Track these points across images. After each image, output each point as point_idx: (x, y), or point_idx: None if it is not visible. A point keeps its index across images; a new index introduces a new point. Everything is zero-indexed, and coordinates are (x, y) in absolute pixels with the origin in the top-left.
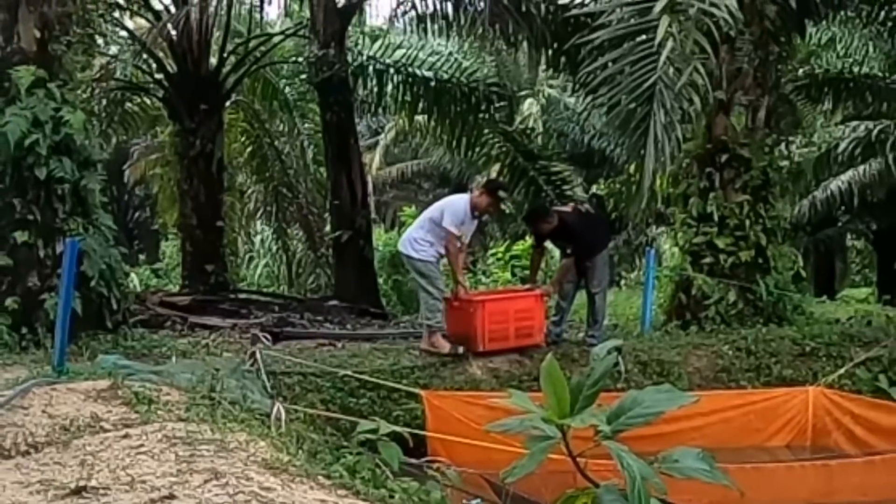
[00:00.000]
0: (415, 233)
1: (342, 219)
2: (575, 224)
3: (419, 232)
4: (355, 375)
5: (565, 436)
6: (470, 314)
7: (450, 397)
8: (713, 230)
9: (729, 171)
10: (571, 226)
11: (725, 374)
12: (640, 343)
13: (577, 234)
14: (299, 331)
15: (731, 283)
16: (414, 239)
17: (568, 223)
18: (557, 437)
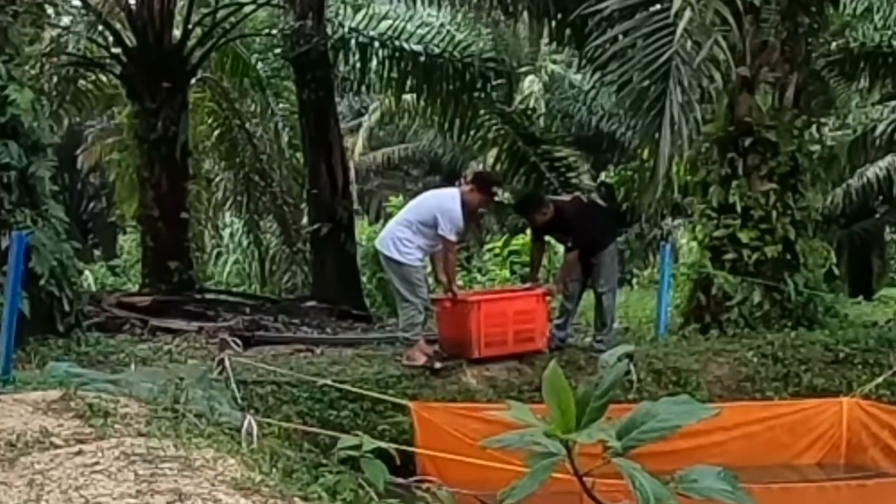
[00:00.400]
0: (399, 231)
1: (321, 210)
2: (574, 215)
3: (405, 232)
4: (336, 385)
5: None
6: (463, 316)
7: (441, 409)
8: (736, 223)
9: (753, 156)
10: (569, 217)
11: (749, 384)
12: (655, 349)
13: (576, 227)
14: (273, 335)
15: (756, 281)
16: (399, 239)
17: (565, 214)
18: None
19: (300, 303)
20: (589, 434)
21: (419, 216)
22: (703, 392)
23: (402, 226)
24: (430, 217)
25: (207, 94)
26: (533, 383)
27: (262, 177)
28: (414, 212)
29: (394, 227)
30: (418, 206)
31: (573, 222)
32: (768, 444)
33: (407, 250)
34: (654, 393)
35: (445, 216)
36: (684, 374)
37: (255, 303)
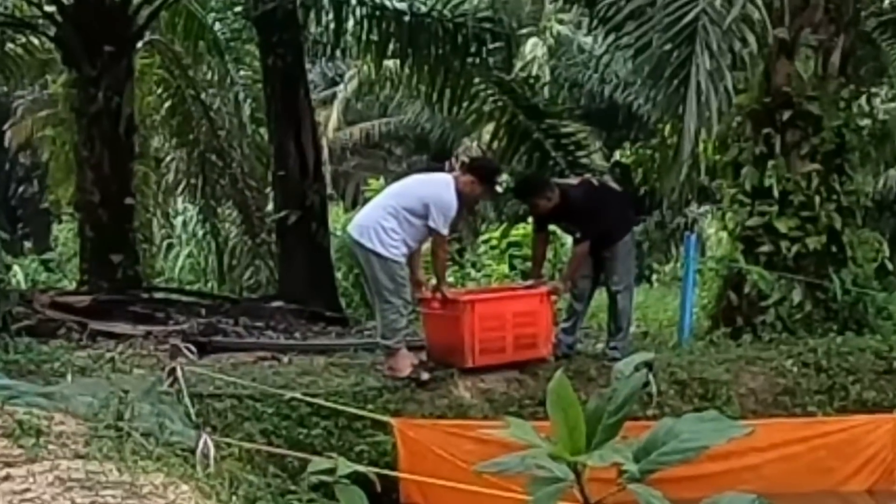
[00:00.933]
0: (384, 220)
1: (289, 195)
2: (582, 201)
3: (390, 221)
4: (306, 399)
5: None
6: (454, 319)
7: (429, 427)
8: (772, 209)
9: (793, 132)
10: (577, 203)
11: (789, 398)
12: (678, 357)
13: (585, 215)
14: (233, 340)
15: (796, 278)
16: (384, 229)
17: (572, 200)
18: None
19: (264, 303)
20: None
21: (407, 203)
22: (734, 407)
23: (388, 213)
24: (420, 206)
25: (156, 60)
26: (536, 397)
27: (220, 156)
28: (401, 198)
29: (376, 214)
30: (406, 192)
31: (582, 209)
32: (810, 468)
33: (392, 243)
34: (678, 408)
35: (439, 207)
36: (712, 385)
37: (212, 303)
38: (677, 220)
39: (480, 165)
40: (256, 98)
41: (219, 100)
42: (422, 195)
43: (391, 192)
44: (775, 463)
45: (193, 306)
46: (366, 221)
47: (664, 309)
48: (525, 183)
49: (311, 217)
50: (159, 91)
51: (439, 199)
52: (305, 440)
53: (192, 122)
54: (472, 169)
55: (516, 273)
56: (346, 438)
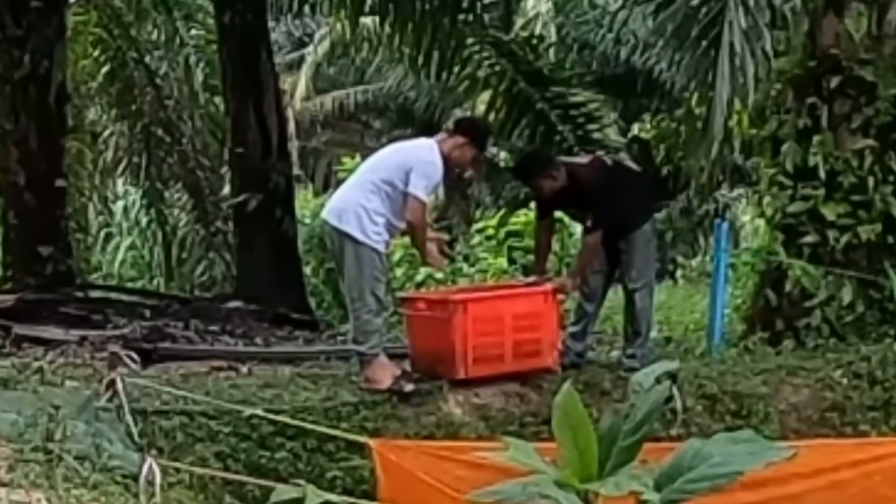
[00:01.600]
0: (365, 199)
1: (248, 176)
2: (594, 183)
3: (373, 201)
4: (269, 416)
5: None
6: (444, 322)
7: (413, 450)
8: (818, 193)
9: (842, 102)
10: (587, 185)
11: (837, 415)
12: (707, 366)
13: (597, 199)
14: (183, 347)
15: (846, 273)
16: (366, 210)
17: (582, 181)
18: None
19: (220, 303)
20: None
21: (387, 176)
22: (773, 426)
23: (369, 192)
24: (401, 174)
25: (93, 18)
26: (539, 414)
27: (168, 130)
28: (379, 171)
29: (356, 195)
30: (384, 163)
31: (593, 192)
32: (863, 497)
33: (374, 228)
34: (707, 427)
35: (422, 170)
36: (748, 400)
37: (159, 303)
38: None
39: (472, 125)
40: (210, 62)
41: (166, 64)
42: (401, 161)
43: (368, 167)
44: (822, 492)
45: (136, 307)
46: (344, 204)
47: (690, 310)
48: (526, 160)
49: (275, 202)
50: (96, 54)
51: (421, 161)
52: (268, 465)
53: (134, 90)
54: (463, 129)
55: (517, 268)
56: (316, 462)
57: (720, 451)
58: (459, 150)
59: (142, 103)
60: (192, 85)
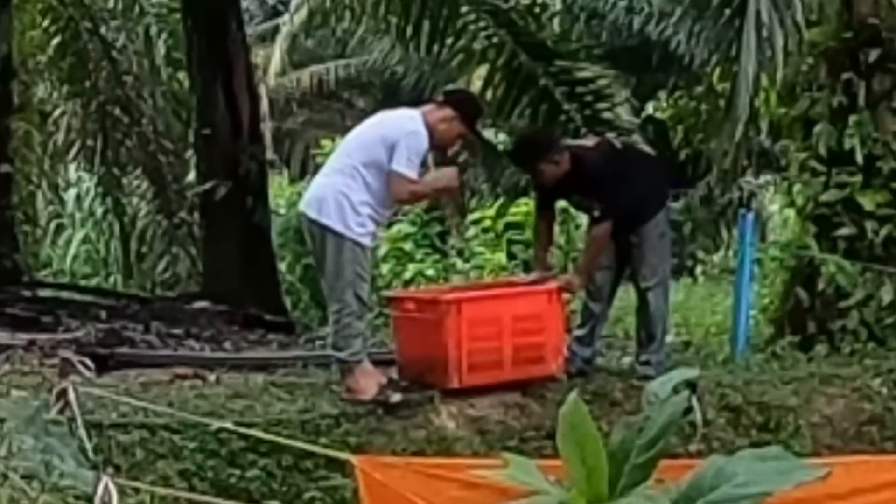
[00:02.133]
0: (346, 187)
1: (216, 161)
2: (601, 167)
3: (353, 186)
4: (240, 430)
5: None
6: (435, 325)
7: (402, 468)
8: (855, 180)
9: (882, 77)
10: (594, 171)
11: (876, 428)
12: (730, 374)
13: (605, 186)
14: (143, 353)
15: (887, 270)
16: (347, 199)
17: (587, 166)
18: None
19: (184, 303)
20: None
21: (369, 156)
22: (804, 441)
23: (348, 177)
24: (384, 150)
25: None
26: (542, 427)
27: (126, 110)
28: (359, 152)
29: (334, 181)
30: (362, 142)
31: (601, 178)
32: None
33: (358, 218)
34: (730, 442)
35: (406, 143)
36: (776, 413)
37: (116, 303)
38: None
39: (464, 99)
40: (173, 33)
41: (124, 35)
42: (382, 135)
43: (346, 149)
44: None
45: (91, 307)
46: (322, 193)
47: (712, 311)
48: (525, 142)
49: (246, 190)
50: (45, 23)
51: (405, 133)
52: (238, 484)
53: (88, 64)
54: (453, 102)
55: (517, 264)
56: (293, 482)
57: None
58: (447, 125)
59: (97, 79)
60: (152, 59)
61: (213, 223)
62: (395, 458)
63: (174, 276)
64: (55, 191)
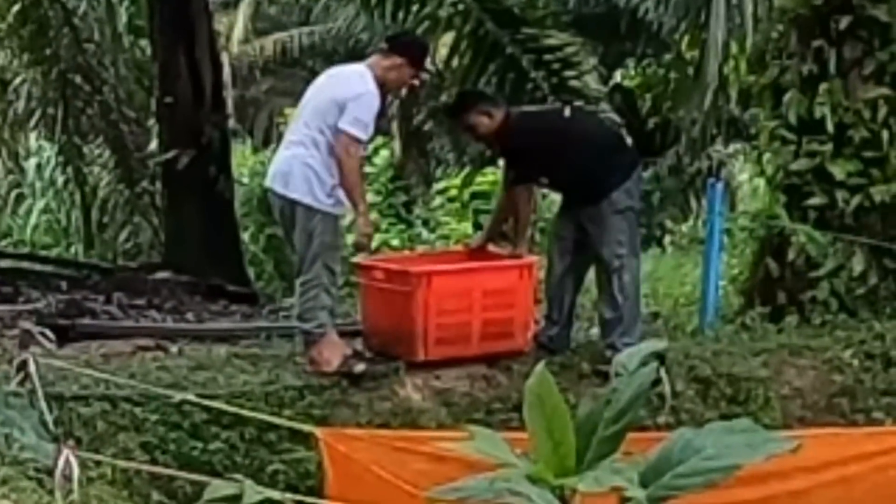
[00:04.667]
0: (309, 157)
1: (179, 129)
2: (534, 131)
3: (315, 155)
4: (202, 402)
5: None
6: (404, 296)
7: (366, 440)
8: (825, 149)
9: (853, 45)
10: (517, 138)
11: (847, 400)
12: (699, 346)
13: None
14: (104, 324)
15: (858, 240)
16: (313, 171)
17: (517, 127)
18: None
19: (146, 274)
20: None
21: (321, 121)
22: (774, 413)
23: (310, 147)
24: (335, 112)
25: None
26: (509, 400)
27: (88, 78)
28: (314, 118)
29: (296, 153)
30: (315, 107)
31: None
32: (877, 494)
33: (325, 188)
34: (699, 415)
35: (359, 103)
36: (745, 384)
37: (77, 274)
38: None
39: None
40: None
41: (85, 2)
42: (333, 96)
43: (303, 117)
44: (829, 487)
45: (51, 278)
46: (287, 166)
47: (681, 282)
48: (457, 95)
49: (209, 159)
50: None
51: (353, 93)
52: (201, 457)
53: (49, 31)
54: (397, 48)
55: None
56: (256, 454)
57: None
58: (396, 72)
59: (57, 47)
60: (114, 26)
61: (175, 193)
62: (360, 430)
63: (136, 247)
64: (15, 160)
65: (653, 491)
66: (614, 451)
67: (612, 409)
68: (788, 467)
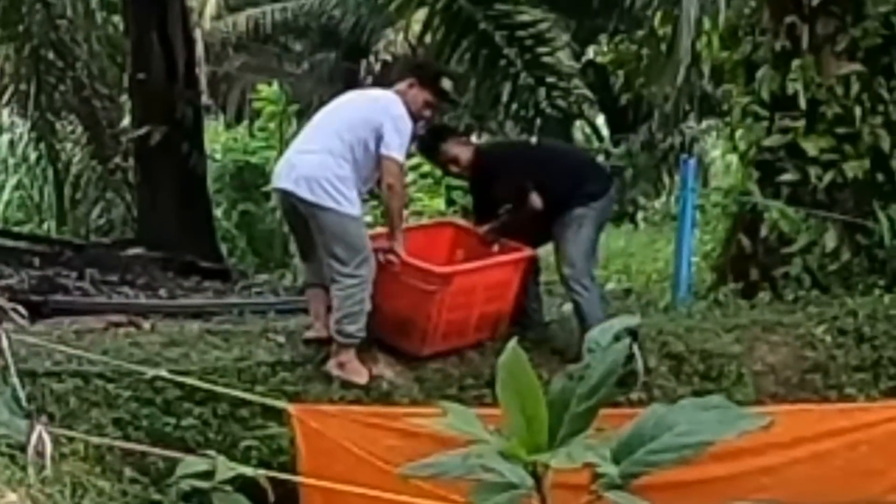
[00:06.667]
0: (336, 166)
1: (151, 105)
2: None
3: (343, 166)
4: (175, 378)
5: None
6: (421, 294)
7: (339, 416)
8: (798, 125)
9: (826, 21)
10: (494, 158)
11: (820, 377)
12: (672, 322)
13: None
14: (77, 300)
15: (830, 216)
16: (340, 179)
17: (489, 153)
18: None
19: (119, 250)
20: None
21: (355, 137)
22: (747, 389)
23: (339, 158)
24: (371, 134)
25: None
26: (481, 376)
27: (60, 54)
28: (348, 132)
29: (325, 161)
30: (348, 122)
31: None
32: (848, 470)
33: (350, 194)
34: (672, 391)
35: (397, 126)
36: (718, 360)
37: (50, 250)
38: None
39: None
40: None
41: None
42: (368, 117)
43: (333, 127)
44: (802, 464)
45: (24, 254)
46: (312, 171)
47: (653, 258)
48: (430, 130)
49: (181, 135)
50: None
51: (392, 117)
52: (174, 433)
53: (21, 7)
54: (409, 70)
55: (455, 210)
56: (228, 430)
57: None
58: (411, 95)
59: (30, 23)
60: (87, 2)
61: (148, 169)
62: (333, 406)
63: (109, 223)
64: None
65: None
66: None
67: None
68: (761, 443)
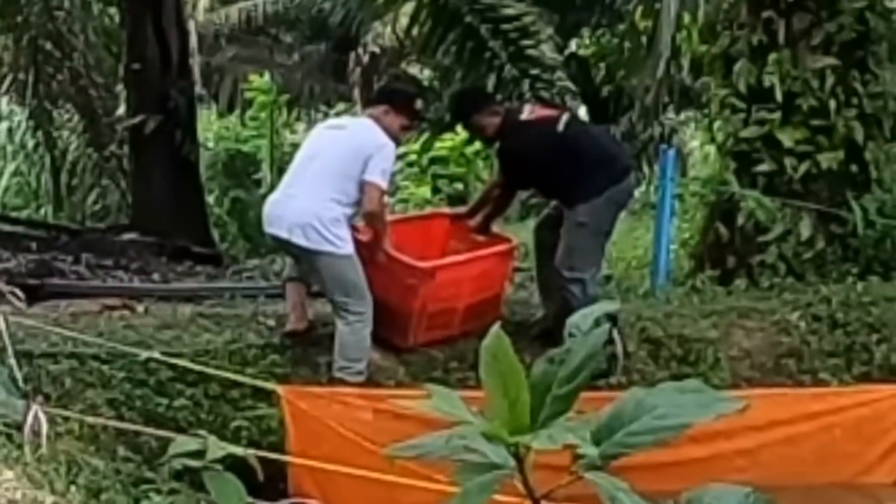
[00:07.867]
0: (325, 209)
1: (146, 95)
2: (530, 143)
3: (332, 208)
4: (167, 360)
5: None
6: (405, 287)
7: (327, 398)
8: (774, 117)
9: (801, 16)
10: (520, 140)
11: (794, 362)
12: (650, 308)
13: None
14: (73, 283)
15: (805, 206)
16: (332, 221)
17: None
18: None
19: (114, 235)
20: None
21: (344, 172)
22: (723, 374)
23: (329, 200)
24: (359, 163)
25: None
26: (465, 359)
27: (58, 44)
28: (340, 171)
29: (313, 206)
30: (338, 157)
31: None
32: (822, 453)
33: (341, 234)
34: (650, 375)
35: (383, 154)
36: (695, 345)
37: (46, 235)
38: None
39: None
40: None
41: None
42: (356, 147)
43: (322, 167)
44: (776, 446)
45: (21, 239)
46: (305, 218)
47: (633, 245)
48: (464, 95)
49: (176, 123)
50: None
51: (378, 146)
52: (166, 413)
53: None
54: (384, 97)
55: (441, 198)
56: (220, 411)
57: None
58: (387, 121)
59: (28, 14)
60: None
61: (142, 156)
62: (321, 388)
63: (104, 209)
64: None
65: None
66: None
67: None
68: (737, 426)
